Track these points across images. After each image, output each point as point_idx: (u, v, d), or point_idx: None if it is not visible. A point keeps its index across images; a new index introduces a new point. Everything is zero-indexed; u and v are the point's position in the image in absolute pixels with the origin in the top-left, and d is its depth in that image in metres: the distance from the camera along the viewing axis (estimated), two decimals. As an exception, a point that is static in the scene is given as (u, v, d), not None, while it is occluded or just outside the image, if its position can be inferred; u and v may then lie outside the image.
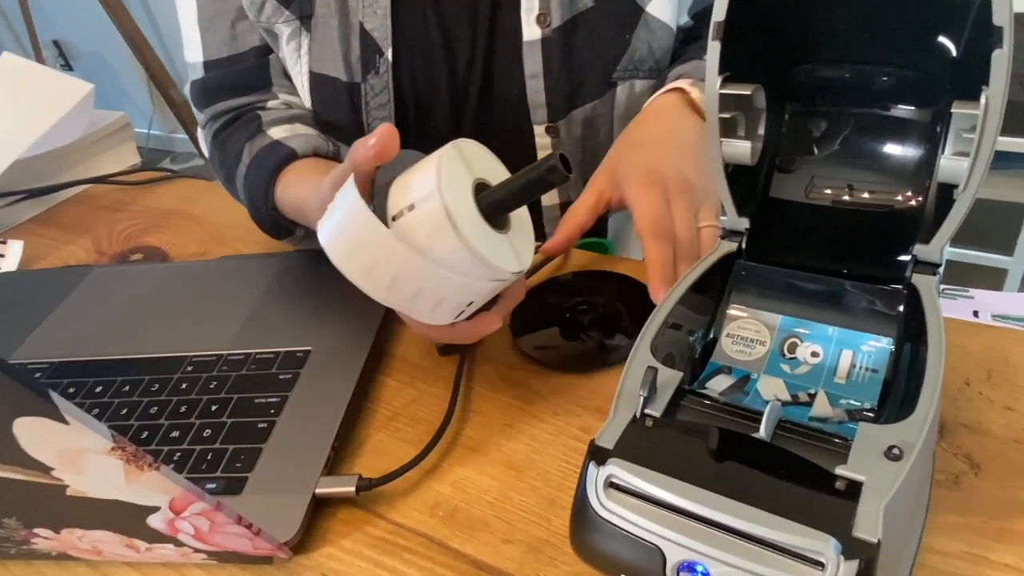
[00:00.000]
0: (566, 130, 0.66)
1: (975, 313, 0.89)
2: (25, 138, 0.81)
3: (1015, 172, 1.24)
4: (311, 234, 0.62)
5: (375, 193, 0.40)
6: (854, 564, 0.27)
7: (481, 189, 0.40)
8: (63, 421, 0.25)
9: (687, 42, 0.69)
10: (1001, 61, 0.31)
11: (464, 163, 0.39)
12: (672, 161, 0.54)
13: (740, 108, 0.41)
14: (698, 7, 0.68)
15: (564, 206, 0.72)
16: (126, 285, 0.66)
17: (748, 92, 0.39)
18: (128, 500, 0.31)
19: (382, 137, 0.40)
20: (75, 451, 0.27)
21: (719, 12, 0.37)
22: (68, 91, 0.86)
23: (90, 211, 0.84)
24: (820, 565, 0.28)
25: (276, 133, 0.63)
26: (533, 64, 0.63)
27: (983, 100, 0.32)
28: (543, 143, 0.67)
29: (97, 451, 0.27)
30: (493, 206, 0.39)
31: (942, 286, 0.46)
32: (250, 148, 0.63)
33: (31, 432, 0.26)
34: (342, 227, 0.39)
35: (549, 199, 0.72)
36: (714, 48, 0.38)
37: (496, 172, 0.42)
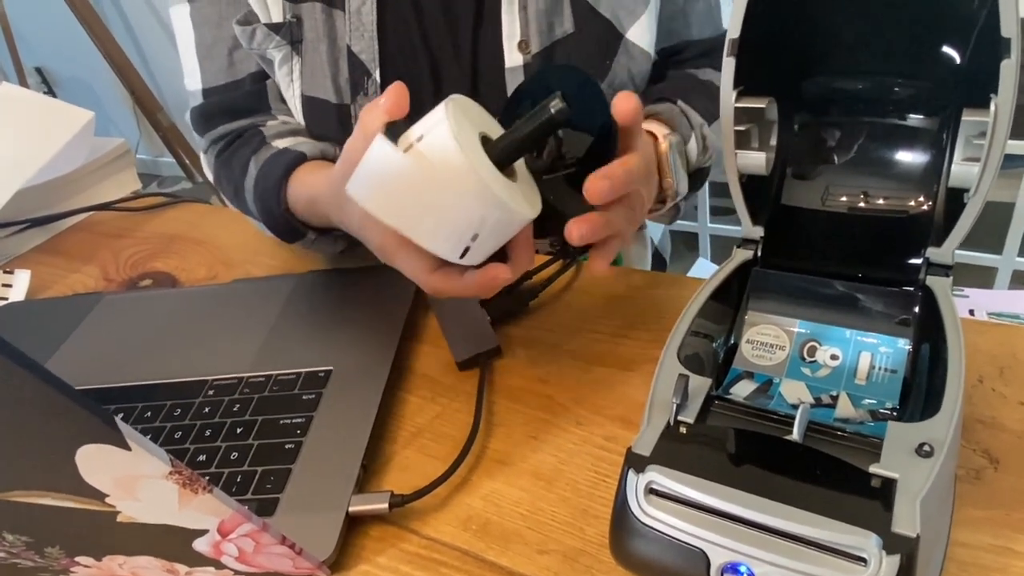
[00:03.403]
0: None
1: (971, 312, 0.91)
2: (28, 168, 0.81)
3: (1004, 172, 1.27)
4: (323, 235, 0.62)
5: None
6: (896, 559, 0.28)
7: (485, 141, 0.41)
8: (126, 447, 0.26)
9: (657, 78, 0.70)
10: (1009, 70, 0.33)
11: (465, 115, 0.40)
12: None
13: (753, 120, 0.42)
14: (662, 44, 0.68)
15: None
16: (139, 311, 0.66)
17: (762, 105, 0.40)
18: (178, 524, 0.32)
19: (392, 92, 0.41)
20: (133, 477, 0.28)
21: (734, 30, 0.38)
22: (68, 120, 0.86)
23: (94, 238, 0.84)
24: (863, 561, 0.29)
25: (281, 144, 0.65)
26: None
27: (992, 107, 0.34)
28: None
29: (155, 476, 0.28)
30: (503, 152, 0.40)
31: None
32: (256, 160, 0.64)
33: (92, 459, 0.26)
34: (364, 163, 0.41)
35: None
36: (729, 64, 0.39)
37: (494, 129, 0.43)
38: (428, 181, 0.38)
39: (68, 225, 0.87)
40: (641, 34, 0.65)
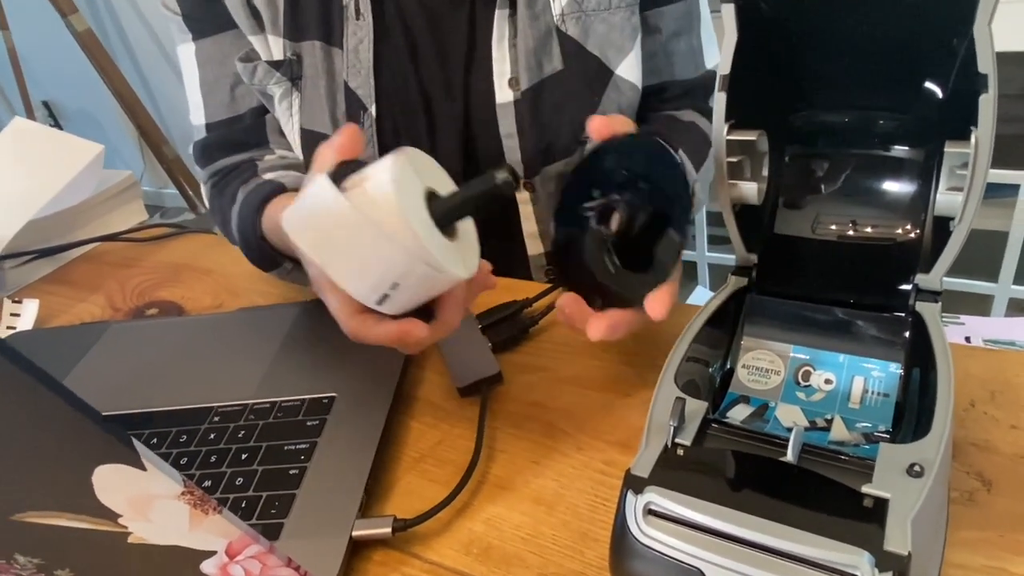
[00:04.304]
0: (541, 185, 0.69)
1: (967, 339, 0.92)
2: (37, 199, 0.83)
3: (997, 201, 1.29)
4: (298, 266, 0.63)
5: None
6: (888, 576, 0.29)
7: (431, 197, 0.41)
8: (141, 467, 0.27)
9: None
10: (988, 104, 0.34)
11: (416, 168, 0.41)
12: None
13: (745, 152, 0.43)
14: (644, 83, 0.69)
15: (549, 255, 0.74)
16: (145, 340, 0.67)
17: (753, 138, 0.42)
18: (188, 546, 0.32)
19: (345, 131, 0.42)
20: (146, 497, 0.29)
21: (724, 67, 0.40)
22: (78, 153, 0.88)
23: (102, 268, 0.85)
24: (856, 579, 0.29)
25: (270, 176, 0.66)
26: (507, 125, 0.66)
27: (973, 139, 0.35)
28: (522, 198, 0.70)
29: (167, 496, 0.29)
30: (444, 211, 0.40)
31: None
32: (244, 190, 0.66)
33: (108, 479, 0.27)
34: (302, 196, 0.41)
35: (534, 248, 0.73)
36: (720, 99, 0.41)
37: (445, 187, 0.43)
38: (357, 222, 0.39)
39: (76, 255, 0.88)
40: (630, 69, 0.67)
